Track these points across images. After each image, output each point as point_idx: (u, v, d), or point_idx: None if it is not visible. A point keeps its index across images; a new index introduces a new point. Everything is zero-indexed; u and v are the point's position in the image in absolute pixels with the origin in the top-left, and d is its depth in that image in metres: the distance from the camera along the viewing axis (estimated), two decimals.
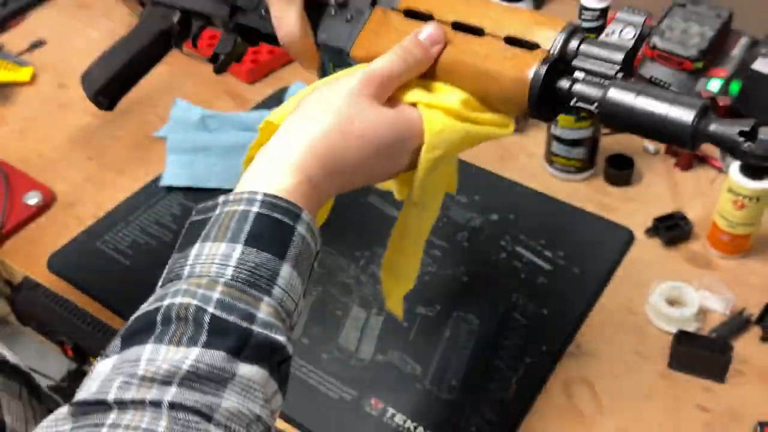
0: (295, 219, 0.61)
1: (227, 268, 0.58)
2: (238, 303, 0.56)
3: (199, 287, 0.57)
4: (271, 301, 0.58)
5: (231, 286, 0.57)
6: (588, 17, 1.06)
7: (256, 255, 0.59)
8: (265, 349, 0.56)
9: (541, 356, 0.99)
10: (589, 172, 1.23)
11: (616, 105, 0.64)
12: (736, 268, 1.09)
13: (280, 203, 0.61)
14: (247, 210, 0.60)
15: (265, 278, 0.58)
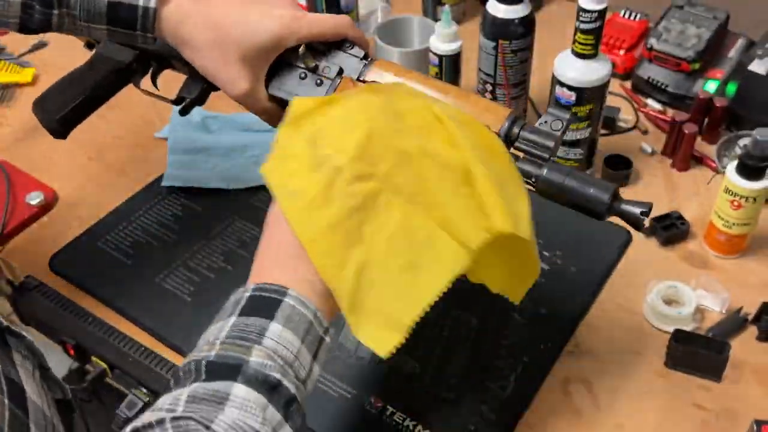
0: (282, 294, 0.69)
1: (223, 332, 0.67)
2: (230, 352, 0.65)
3: (201, 351, 0.66)
4: (262, 348, 0.66)
5: (225, 343, 0.66)
6: (586, 18, 1.07)
7: (246, 319, 0.68)
8: (258, 379, 0.63)
9: (540, 355, 0.99)
10: (587, 172, 1.23)
11: (550, 182, 0.82)
12: (732, 267, 1.09)
13: (269, 286, 0.70)
14: (242, 296, 0.70)
15: (255, 333, 0.66)
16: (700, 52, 1.28)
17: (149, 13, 0.83)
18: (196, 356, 0.66)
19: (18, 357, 0.76)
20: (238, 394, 0.62)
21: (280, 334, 0.67)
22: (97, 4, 0.83)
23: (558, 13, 1.56)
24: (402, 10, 1.55)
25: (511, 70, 1.22)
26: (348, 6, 1.36)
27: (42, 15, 0.85)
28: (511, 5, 1.17)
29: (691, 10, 1.35)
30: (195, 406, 0.60)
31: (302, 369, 0.68)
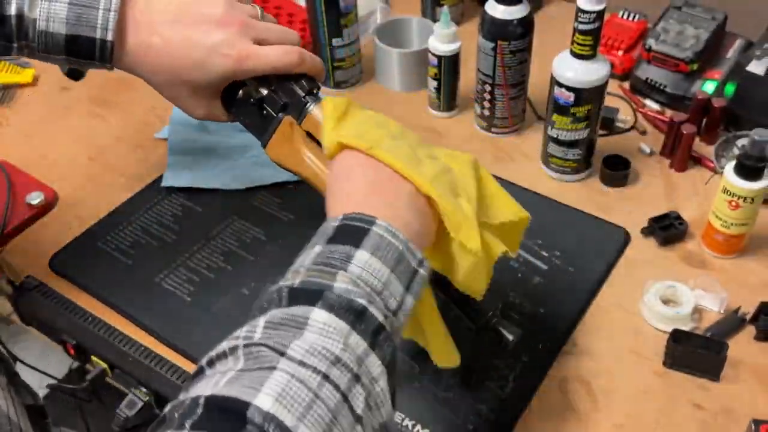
0: (370, 224, 0.68)
1: (307, 260, 0.67)
2: (314, 278, 0.64)
3: (287, 279, 0.66)
4: (347, 274, 0.64)
5: (310, 270, 0.65)
6: (584, 19, 1.06)
7: (333, 247, 0.67)
8: (341, 305, 0.61)
9: (538, 355, 0.99)
10: (586, 172, 1.23)
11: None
12: (730, 267, 1.09)
13: (357, 215, 0.69)
14: (331, 225, 0.70)
15: (339, 259, 0.65)
16: (698, 53, 1.28)
17: (107, 46, 0.85)
18: (280, 284, 0.65)
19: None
20: (318, 319, 0.60)
21: (367, 262, 0.65)
22: (54, 37, 0.84)
23: (556, 13, 1.55)
24: (401, 11, 1.55)
25: (509, 70, 1.22)
26: (347, 7, 1.36)
27: (2, 48, 0.86)
28: (509, 6, 1.17)
29: (690, 10, 1.35)
30: (272, 332, 0.58)
31: (392, 299, 0.66)
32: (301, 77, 0.90)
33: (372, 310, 0.62)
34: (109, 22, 0.83)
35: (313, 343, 0.57)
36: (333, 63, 1.39)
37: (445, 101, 1.34)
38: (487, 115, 1.30)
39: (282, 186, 1.22)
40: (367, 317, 0.62)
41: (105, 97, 1.43)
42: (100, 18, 0.83)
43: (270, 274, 1.08)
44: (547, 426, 0.93)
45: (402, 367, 0.96)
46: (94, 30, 0.84)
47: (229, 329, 1.02)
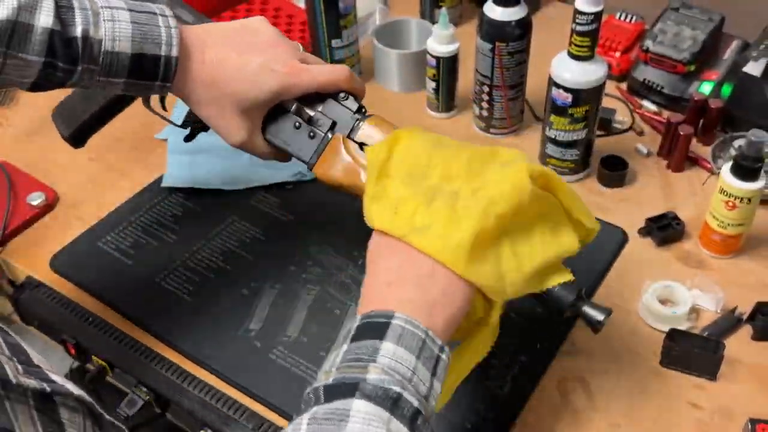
0: (389, 317, 0.69)
1: (337, 359, 0.68)
2: (346, 374, 0.65)
3: (319, 381, 0.67)
4: (377, 365, 0.65)
5: (340, 368, 0.66)
6: (582, 21, 1.06)
7: (358, 344, 0.68)
8: (378, 394, 0.63)
9: (536, 354, 0.99)
10: (583, 173, 1.23)
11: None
12: (727, 267, 1.09)
13: (375, 312, 0.70)
14: (350, 326, 0.71)
15: (367, 353, 0.66)
16: (695, 54, 1.28)
17: (171, 62, 0.84)
18: (315, 386, 0.66)
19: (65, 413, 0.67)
20: (360, 409, 0.61)
21: (394, 352, 0.67)
22: (120, 57, 0.83)
23: (554, 15, 1.56)
24: (400, 13, 1.55)
25: (507, 71, 1.22)
26: (346, 8, 1.36)
27: (63, 73, 0.84)
28: (507, 7, 1.17)
29: (687, 12, 1.35)
30: (316, 427, 0.60)
31: (422, 384, 0.67)
32: (345, 98, 0.90)
33: (407, 395, 0.64)
34: (172, 38, 0.84)
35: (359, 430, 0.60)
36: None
37: (444, 102, 1.34)
38: (486, 116, 1.30)
39: (281, 186, 1.22)
40: (403, 403, 0.63)
41: None
42: (164, 35, 0.83)
43: (270, 275, 1.09)
44: (544, 425, 0.93)
45: None
46: (159, 47, 0.83)
47: (229, 329, 1.02)
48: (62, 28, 0.80)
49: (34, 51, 0.81)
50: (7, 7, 0.78)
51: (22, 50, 0.80)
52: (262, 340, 1.02)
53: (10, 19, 0.78)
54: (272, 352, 1.00)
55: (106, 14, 0.82)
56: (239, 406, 0.95)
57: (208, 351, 1.01)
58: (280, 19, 1.54)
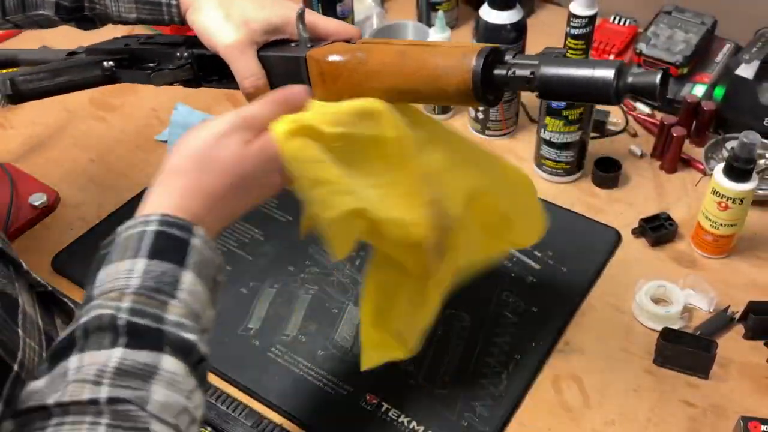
0: (189, 233, 0.65)
1: (132, 279, 0.62)
2: (147, 308, 0.60)
3: (110, 300, 0.60)
4: (178, 303, 0.62)
5: (139, 294, 0.61)
6: (576, 24, 1.06)
7: (158, 265, 0.63)
8: (179, 345, 0.60)
9: (531, 353, 0.99)
10: (578, 174, 1.23)
11: (548, 78, 0.70)
12: (719, 267, 1.09)
13: (174, 220, 0.65)
14: (144, 230, 0.64)
15: (168, 284, 0.62)
16: (688, 57, 1.28)
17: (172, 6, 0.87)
18: (106, 306, 0.60)
19: (58, 321, 0.77)
20: (167, 368, 0.59)
21: (194, 286, 0.64)
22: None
23: (549, 18, 1.55)
24: (397, 16, 1.55)
25: None
26: (344, 11, 1.36)
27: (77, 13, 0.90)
28: (503, 11, 1.17)
29: (680, 15, 1.35)
30: (123, 380, 0.57)
31: (207, 320, 0.66)
32: None
33: (199, 344, 0.62)
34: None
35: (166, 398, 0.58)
36: None
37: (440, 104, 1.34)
38: (482, 118, 1.30)
39: None
40: (195, 352, 0.62)
41: (106, 100, 1.43)
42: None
43: (269, 274, 1.09)
44: (539, 422, 0.93)
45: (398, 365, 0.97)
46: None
47: (228, 327, 1.02)
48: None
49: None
50: None
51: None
52: (260, 339, 1.01)
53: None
54: (271, 350, 1.00)
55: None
56: (238, 404, 0.95)
57: None
58: None
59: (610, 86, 0.67)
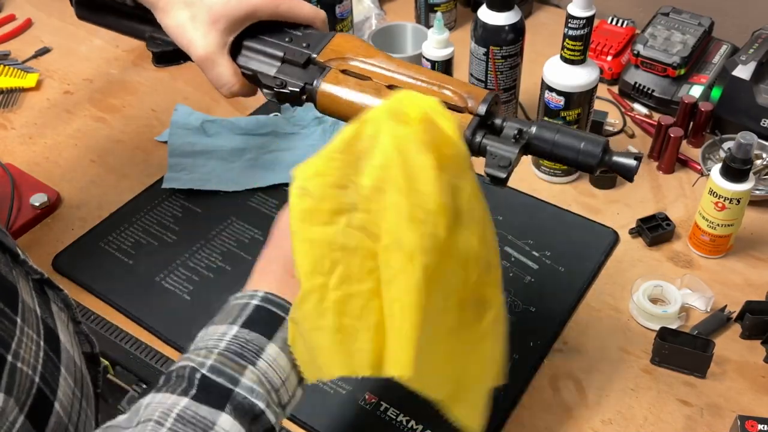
0: (286, 311, 0.69)
1: (222, 341, 0.67)
2: (226, 368, 0.65)
3: (198, 356, 0.66)
4: (254, 370, 0.65)
5: (223, 356, 0.66)
6: (574, 25, 1.06)
7: (248, 333, 0.67)
8: (244, 409, 0.64)
9: (529, 352, 0.99)
10: (575, 175, 1.23)
11: (541, 139, 0.77)
12: (716, 267, 1.09)
13: (275, 299, 0.70)
14: (248, 302, 0.70)
15: (252, 351, 0.66)
16: (685, 58, 1.28)
17: None
18: (192, 360, 0.66)
19: (54, 307, 0.77)
20: (223, 426, 0.62)
21: (276, 359, 0.67)
22: None
23: (547, 19, 1.55)
24: (396, 17, 1.55)
25: (501, 75, 1.22)
26: (343, 13, 1.36)
27: None
28: (501, 12, 1.17)
29: (677, 17, 1.35)
30: (181, 426, 0.61)
31: (286, 394, 0.68)
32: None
33: (268, 413, 0.65)
34: None
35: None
36: None
37: None
38: None
39: (278, 187, 1.22)
40: (262, 420, 0.65)
41: (107, 100, 1.43)
42: None
43: None
44: (538, 421, 0.93)
45: None
46: None
47: None
48: None
49: None
50: None
51: None
52: None
53: None
54: None
55: None
56: None
57: None
58: None
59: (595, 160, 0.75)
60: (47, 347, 0.69)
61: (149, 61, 1.47)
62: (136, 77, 1.47)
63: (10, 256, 0.72)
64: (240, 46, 0.88)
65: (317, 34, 0.87)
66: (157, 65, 0.96)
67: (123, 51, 1.54)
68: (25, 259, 0.73)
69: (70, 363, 0.73)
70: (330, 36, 0.86)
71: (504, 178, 0.76)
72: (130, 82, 1.47)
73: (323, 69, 0.84)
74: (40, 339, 0.68)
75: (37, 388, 0.65)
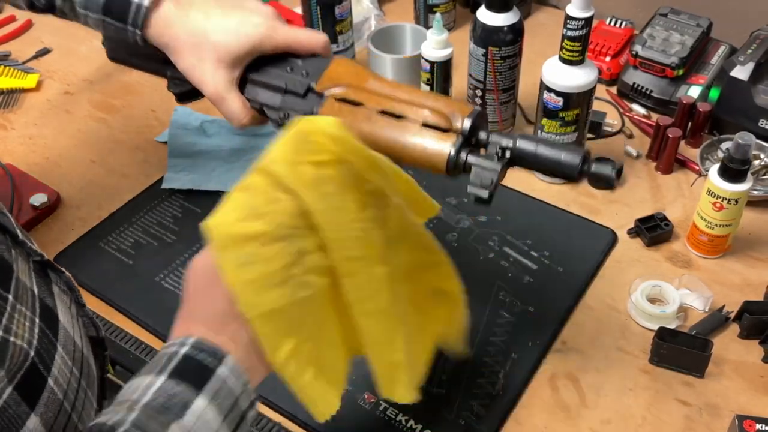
0: (219, 360, 0.65)
1: (147, 395, 0.62)
2: (149, 424, 0.59)
3: (118, 412, 0.61)
4: (180, 426, 0.60)
5: (147, 410, 0.60)
6: (573, 26, 1.06)
7: (175, 386, 0.62)
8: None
9: (528, 352, 0.99)
10: None
11: (523, 152, 0.79)
12: (715, 267, 1.09)
13: (206, 345, 0.65)
14: (176, 351, 0.65)
15: (176, 408, 0.61)
16: (683, 59, 1.28)
17: (141, 11, 0.88)
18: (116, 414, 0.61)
19: (56, 289, 0.77)
20: None
21: (202, 414, 0.62)
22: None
23: (546, 20, 1.55)
24: (395, 18, 1.55)
25: (500, 75, 1.22)
26: (342, 14, 1.35)
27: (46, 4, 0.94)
28: (500, 13, 1.17)
29: (675, 17, 1.35)
30: None
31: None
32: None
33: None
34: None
35: None
36: None
37: None
38: None
39: None
40: None
41: (107, 101, 1.43)
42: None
43: None
44: (537, 421, 0.93)
45: None
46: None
47: None
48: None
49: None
50: None
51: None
52: None
53: None
54: None
55: None
56: None
57: None
58: None
59: (575, 170, 0.78)
60: (43, 324, 0.69)
61: None
62: (136, 77, 1.47)
63: (10, 237, 0.72)
64: (247, 80, 0.92)
65: (317, 61, 0.90)
66: (179, 102, 1.04)
67: None
68: (24, 240, 0.73)
69: (68, 342, 0.73)
70: (327, 62, 0.89)
71: (486, 198, 0.78)
72: (130, 82, 1.46)
73: (321, 97, 0.87)
74: (35, 316, 0.68)
75: (31, 361, 0.65)
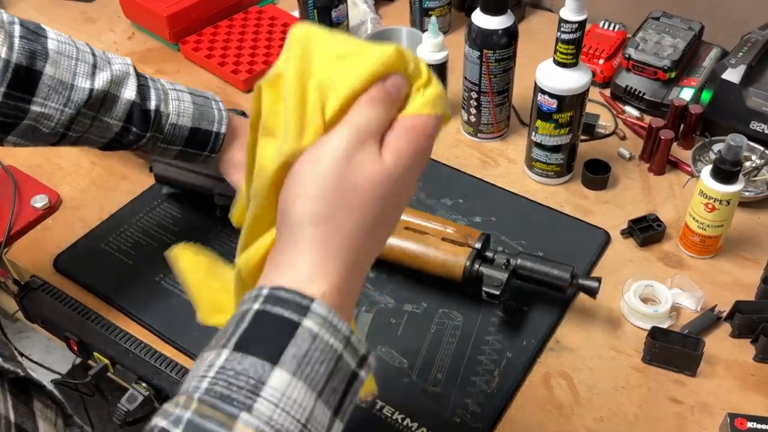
0: (303, 310, 0.48)
1: (206, 378, 0.47)
2: (207, 424, 0.45)
3: (176, 406, 0.47)
4: (251, 420, 0.46)
5: (204, 402, 0.46)
6: (567, 29, 1.06)
7: (243, 359, 0.47)
8: None
9: (522, 351, 0.99)
10: (568, 176, 1.23)
11: (523, 268, 1.00)
12: (706, 267, 1.09)
13: (286, 295, 0.49)
14: (248, 308, 0.50)
15: (245, 389, 0.46)
16: (675, 62, 1.28)
17: (220, 137, 0.98)
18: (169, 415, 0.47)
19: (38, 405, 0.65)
20: None
21: (284, 392, 0.47)
22: (181, 130, 0.97)
23: (540, 24, 1.55)
24: (391, 22, 1.55)
25: (495, 78, 1.22)
26: (339, 18, 1.35)
27: (134, 137, 0.95)
28: (495, 16, 1.17)
29: (668, 21, 1.35)
30: None
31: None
32: None
33: None
34: (223, 118, 0.99)
35: None
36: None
37: None
38: (474, 121, 1.29)
39: None
40: None
41: None
42: (217, 115, 0.98)
43: None
44: (530, 419, 0.93)
45: (391, 363, 0.97)
46: (212, 124, 0.98)
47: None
48: (141, 101, 0.94)
49: (117, 117, 0.93)
50: (103, 80, 0.92)
51: (108, 115, 0.93)
52: None
53: (104, 90, 0.91)
54: None
55: (174, 95, 0.97)
56: None
57: None
58: (275, 28, 1.53)
59: (566, 282, 0.98)
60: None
61: (149, 62, 1.47)
62: None
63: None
64: None
65: None
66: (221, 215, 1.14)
67: (123, 53, 1.53)
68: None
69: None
70: None
71: (498, 295, 0.96)
72: None
73: None
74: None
75: None
